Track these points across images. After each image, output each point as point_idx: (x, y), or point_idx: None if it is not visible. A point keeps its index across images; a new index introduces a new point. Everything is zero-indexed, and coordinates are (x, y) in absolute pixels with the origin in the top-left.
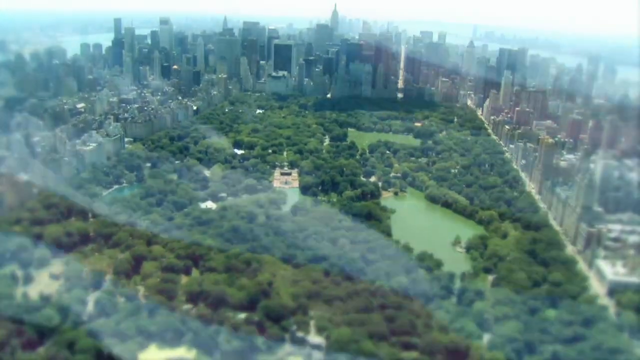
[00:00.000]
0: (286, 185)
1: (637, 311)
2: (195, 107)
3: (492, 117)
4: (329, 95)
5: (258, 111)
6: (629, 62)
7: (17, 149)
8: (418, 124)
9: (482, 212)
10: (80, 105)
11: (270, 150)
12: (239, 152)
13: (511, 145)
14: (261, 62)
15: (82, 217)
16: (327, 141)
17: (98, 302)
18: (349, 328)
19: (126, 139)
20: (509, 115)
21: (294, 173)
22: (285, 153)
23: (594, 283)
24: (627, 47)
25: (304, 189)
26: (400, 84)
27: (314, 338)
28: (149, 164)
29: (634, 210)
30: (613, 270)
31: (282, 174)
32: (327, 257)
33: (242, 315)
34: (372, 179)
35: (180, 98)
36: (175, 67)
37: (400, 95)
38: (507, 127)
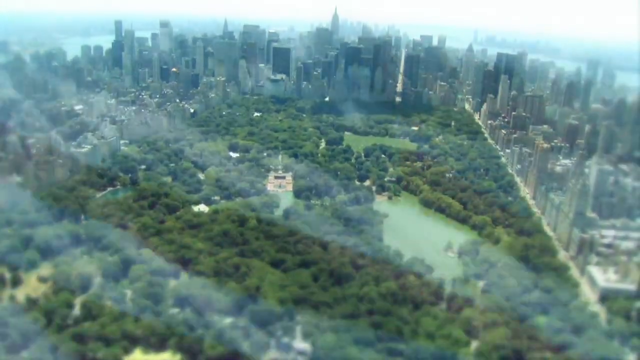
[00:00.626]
0: (280, 188)
1: (628, 318)
2: (192, 110)
3: (489, 122)
4: (326, 99)
5: (255, 114)
6: (628, 67)
7: (12, 150)
8: (415, 128)
9: (475, 217)
10: (78, 107)
11: (265, 154)
12: (234, 155)
13: (507, 150)
14: (260, 65)
15: (74, 220)
16: (322, 145)
17: (85, 305)
18: (335, 334)
19: (122, 141)
20: (505, 120)
21: (288, 177)
22: (280, 156)
23: (585, 290)
24: (627, 52)
25: (298, 193)
26: (399, 88)
27: (300, 344)
28: (143, 167)
29: (627, 216)
30: (605, 277)
31: (276, 177)
32: (317, 261)
33: (228, 320)
34: (367, 183)
35: (178, 101)
36: (174, 69)
37: (398, 99)
38: (503, 131)
